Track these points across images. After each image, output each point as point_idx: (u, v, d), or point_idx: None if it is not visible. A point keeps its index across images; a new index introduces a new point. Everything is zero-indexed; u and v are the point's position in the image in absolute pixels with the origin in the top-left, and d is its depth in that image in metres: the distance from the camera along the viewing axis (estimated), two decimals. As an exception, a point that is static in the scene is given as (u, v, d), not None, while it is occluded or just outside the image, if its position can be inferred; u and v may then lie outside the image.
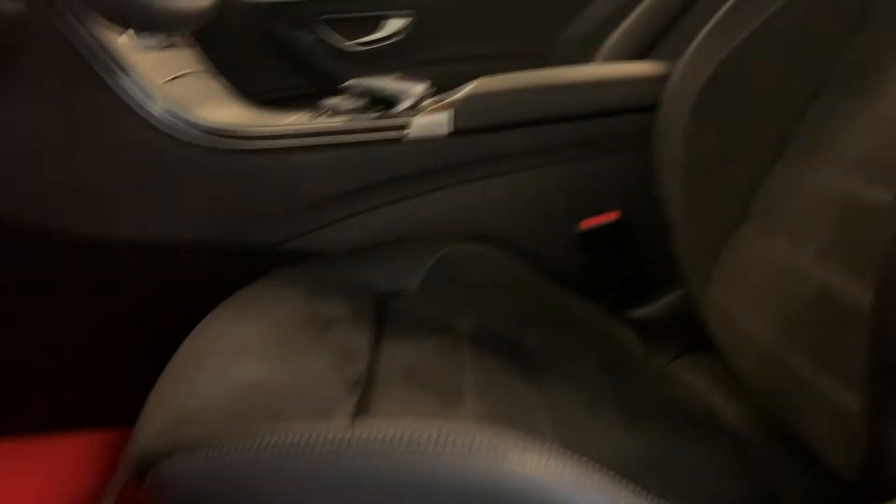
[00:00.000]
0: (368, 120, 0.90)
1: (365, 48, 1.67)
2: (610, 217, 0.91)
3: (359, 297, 0.77)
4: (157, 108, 0.83)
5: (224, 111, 0.91)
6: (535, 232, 0.93)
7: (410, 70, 1.67)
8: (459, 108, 0.89)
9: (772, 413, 0.67)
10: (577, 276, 0.93)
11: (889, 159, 0.59)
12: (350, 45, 1.67)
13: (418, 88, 0.94)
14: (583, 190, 0.93)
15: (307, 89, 1.68)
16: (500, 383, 0.67)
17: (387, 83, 0.95)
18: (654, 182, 0.87)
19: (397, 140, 0.89)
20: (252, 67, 1.59)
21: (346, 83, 0.95)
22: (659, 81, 0.88)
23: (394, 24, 1.67)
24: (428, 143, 0.90)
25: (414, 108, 0.93)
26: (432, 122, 0.89)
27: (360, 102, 0.95)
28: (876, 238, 0.57)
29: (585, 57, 1.50)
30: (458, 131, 0.89)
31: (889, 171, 0.58)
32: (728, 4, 0.82)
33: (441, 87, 1.66)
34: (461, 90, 0.96)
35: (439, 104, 0.90)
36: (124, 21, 0.71)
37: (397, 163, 0.90)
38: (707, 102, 0.81)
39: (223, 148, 0.85)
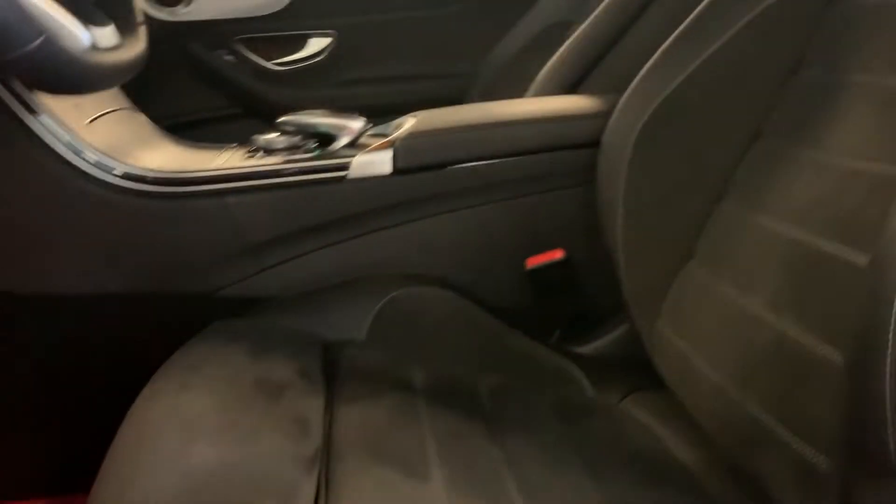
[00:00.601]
0: (307, 159, 0.87)
1: (286, 68, 1.63)
2: (556, 255, 0.91)
3: (306, 353, 0.74)
4: (82, 152, 0.77)
5: (153, 154, 0.85)
6: (481, 270, 0.92)
7: (334, 90, 1.65)
8: (401, 147, 0.87)
9: (730, 456, 0.67)
10: (524, 314, 0.92)
11: (842, 212, 0.60)
12: (271, 64, 1.62)
13: (356, 124, 0.91)
14: (528, 226, 0.92)
15: (228, 110, 1.63)
16: (461, 444, 0.65)
17: (322, 119, 0.91)
18: (598, 218, 0.87)
19: (338, 180, 0.86)
20: (169, 89, 1.52)
21: (280, 119, 0.91)
22: (601, 117, 0.89)
23: (316, 44, 1.63)
24: (370, 183, 0.87)
25: (353, 145, 0.90)
26: (374, 161, 0.87)
27: (294, 139, 0.91)
28: (832, 291, 0.59)
29: (510, 79, 1.50)
30: (401, 170, 0.87)
31: (845, 225, 0.59)
32: (667, 44, 0.83)
33: (367, 107, 1.64)
34: (401, 126, 0.93)
35: (381, 143, 0.88)
36: (52, 87, 0.65)
37: (338, 203, 0.87)
38: (648, 140, 0.81)
39: (155, 193, 0.80)
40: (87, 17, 0.54)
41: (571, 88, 1.09)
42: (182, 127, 1.56)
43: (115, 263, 0.82)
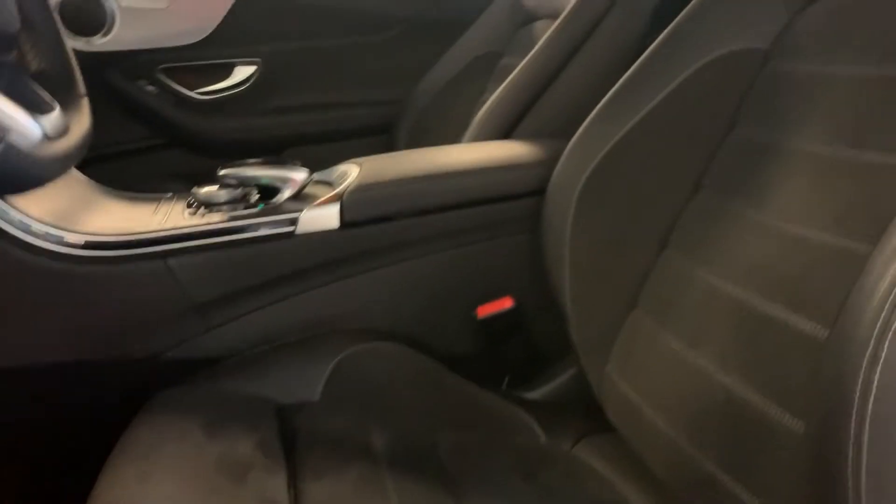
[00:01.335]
0: (252, 215, 0.85)
1: (210, 97, 1.59)
2: (506, 303, 0.92)
3: (262, 421, 0.73)
4: (12, 216, 0.74)
5: (91, 214, 0.82)
6: (432, 319, 0.92)
7: (260, 118, 1.62)
8: (348, 201, 0.86)
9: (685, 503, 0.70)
10: (476, 361, 0.93)
11: (787, 278, 0.63)
12: (195, 94, 1.57)
13: (299, 175, 0.89)
14: (476, 274, 0.93)
15: (150, 141, 1.58)
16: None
17: (264, 171, 0.89)
18: (545, 265, 0.88)
19: (286, 236, 0.85)
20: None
21: (220, 171, 0.88)
22: (544, 166, 0.90)
23: (241, 73, 1.59)
24: (318, 237, 0.86)
25: (297, 197, 0.89)
26: (321, 215, 0.86)
27: (236, 192, 0.88)
28: (780, 355, 0.62)
29: (441, 108, 1.51)
30: (348, 224, 0.86)
31: (789, 291, 0.62)
32: (609, 96, 0.86)
33: (295, 136, 1.62)
34: (344, 175, 0.93)
35: (327, 196, 0.87)
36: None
37: (286, 259, 0.86)
38: (592, 191, 0.83)
39: (96, 258, 0.77)
40: (34, 106, 0.51)
41: (508, 132, 1.11)
42: (104, 159, 1.51)
43: (55, 332, 0.78)
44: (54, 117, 0.53)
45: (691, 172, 0.81)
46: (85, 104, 0.65)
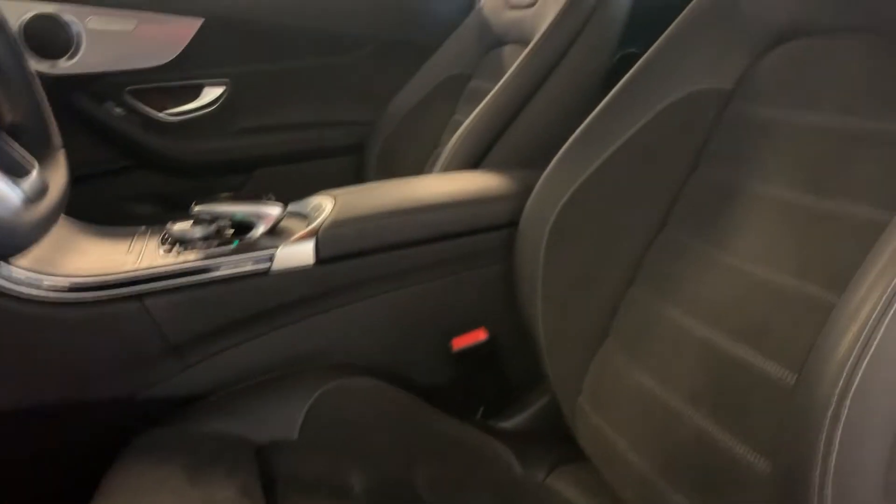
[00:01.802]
0: (227, 252, 0.85)
1: (179, 118, 1.58)
2: (480, 335, 0.93)
3: (241, 463, 0.73)
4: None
5: (66, 255, 0.81)
6: (407, 352, 0.93)
7: (229, 139, 1.61)
8: (323, 237, 0.87)
9: None
10: (451, 392, 0.94)
11: (752, 320, 0.65)
12: (163, 115, 1.56)
13: (273, 211, 0.90)
14: (450, 306, 0.95)
15: (119, 163, 1.56)
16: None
17: (238, 207, 0.90)
18: (518, 297, 0.90)
19: (261, 273, 0.85)
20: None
21: (193, 208, 0.89)
22: (516, 199, 0.92)
23: (209, 94, 1.59)
24: (293, 274, 0.87)
25: (272, 233, 0.90)
26: (297, 252, 0.87)
27: (210, 229, 0.89)
28: (747, 395, 0.64)
29: (412, 128, 1.53)
30: (324, 260, 0.87)
31: (754, 333, 0.65)
32: (577, 134, 0.88)
33: (264, 156, 1.62)
34: (319, 208, 0.94)
35: (302, 233, 0.88)
36: None
37: (262, 296, 0.87)
38: (563, 225, 0.85)
39: (73, 301, 0.77)
40: (11, 169, 0.51)
41: (479, 160, 1.13)
42: (72, 182, 1.49)
43: (31, 376, 0.78)
44: (33, 179, 0.53)
45: (658, 209, 0.84)
46: (62, 157, 0.65)
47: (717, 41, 0.81)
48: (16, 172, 0.52)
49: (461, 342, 0.94)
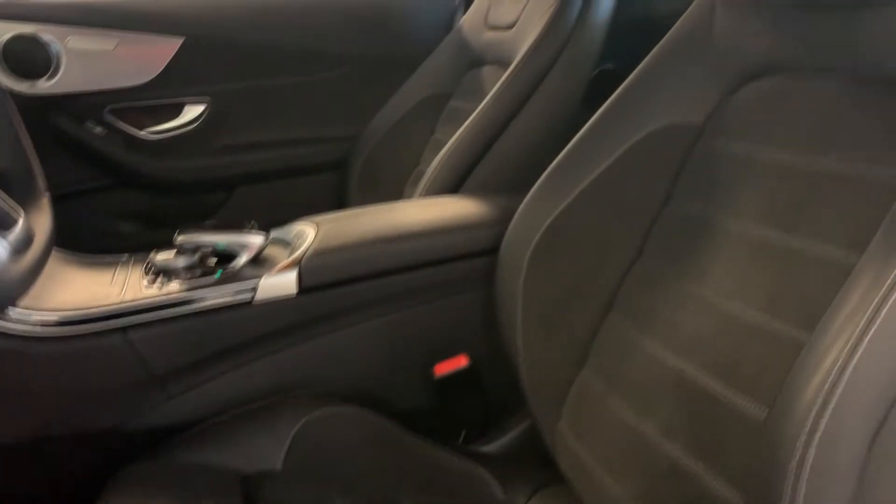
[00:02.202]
0: (211, 284, 0.86)
1: (160, 136, 1.58)
2: (462, 361, 0.95)
3: (227, 496, 0.74)
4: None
5: (48, 287, 0.82)
6: (390, 378, 0.95)
7: (210, 157, 1.62)
8: (306, 267, 0.88)
9: None
10: (433, 417, 0.96)
11: (723, 355, 0.68)
12: (144, 133, 1.57)
13: (256, 240, 0.91)
14: (432, 333, 0.96)
15: (100, 182, 1.56)
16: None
17: (221, 237, 0.91)
18: (498, 323, 0.92)
19: (244, 304, 0.86)
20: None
21: (178, 239, 0.89)
22: (497, 225, 0.94)
23: (191, 112, 1.59)
24: (276, 304, 0.88)
25: (255, 262, 0.91)
26: (280, 282, 0.88)
27: (193, 258, 0.90)
28: (720, 428, 0.66)
29: (392, 146, 1.54)
30: (306, 290, 0.88)
31: (726, 367, 0.67)
32: (554, 165, 0.90)
33: (245, 174, 1.62)
34: (301, 236, 0.95)
35: (285, 263, 0.89)
36: None
37: (245, 326, 0.88)
38: (542, 253, 0.87)
39: (58, 336, 0.78)
40: (-2, 222, 0.52)
41: (460, 182, 1.15)
42: (53, 202, 1.49)
43: (15, 410, 0.78)
44: (19, 229, 0.53)
45: (634, 239, 0.86)
46: (46, 202, 0.66)
47: (689, 76, 0.83)
48: (2, 224, 0.53)
49: (443, 368, 0.95)
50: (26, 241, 0.55)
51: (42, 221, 0.62)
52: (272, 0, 1.61)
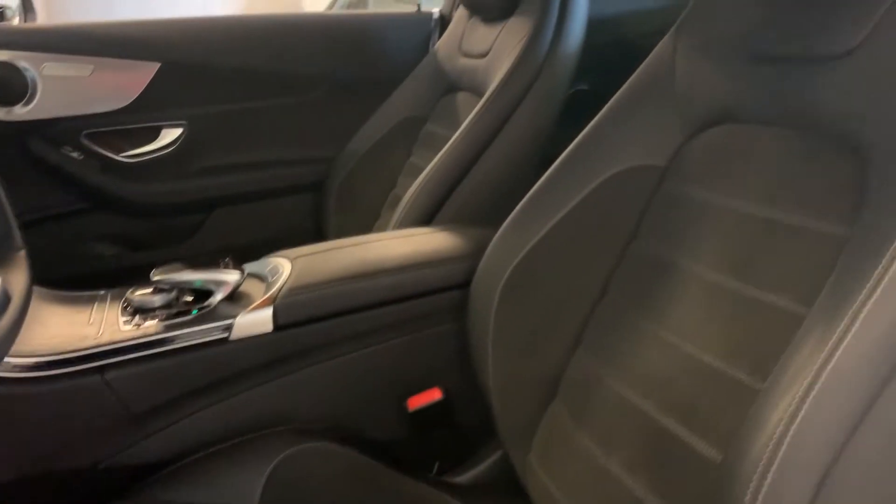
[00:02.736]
0: (187, 323, 0.88)
1: (137, 160, 1.59)
2: (435, 394, 0.97)
3: None
4: None
5: (28, 331, 0.83)
6: (364, 412, 0.97)
7: (188, 180, 1.63)
8: (281, 305, 0.90)
9: None
10: (407, 449, 0.97)
11: (683, 397, 0.70)
12: (121, 157, 1.57)
13: (232, 277, 0.92)
14: (406, 366, 0.98)
15: (77, 205, 1.57)
16: None
17: (197, 275, 0.92)
18: (470, 356, 0.94)
19: (220, 342, 0.88)
20: (12, 190, 1.44)
21: (154, 277, 0.91)
22: (469, 259, 0.96)
23: (168, 135, 1.60)
24: (252, 342, 0.89)
25: (230, 299, 0.92)
26: (255, 320, 0.89)
27: (170, 296, 0.91)
28: (680, 470, 0.68)
29: (370, 168, 1.56)
30: (282, 327, 0.90)
31: (685, 410, 0.69)
32: (524, 202, 0.92)
33: (222, 197, 1.64)
34: (277, 271, 0.96)
35: (261, 301, 0.90)
36: None
37: (221, 364, 0.89)
38: (513, 288, 0.90)
39: (34, 378, 0.79)
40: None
41: (433, 213, 1.18)
42: (29, 226, 1.50)
43: None
44: (-4, 295, 0.55)
45: (600, 276, 0.88)
46: (22, 257, 0.67)
47: (653, 118, 0.86)
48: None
49: (417, 402, 0.97)
50: (4, 303, 0.57)
51: (18, 279, 0.63)
52: (247, 24, 1.63)
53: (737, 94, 0.77)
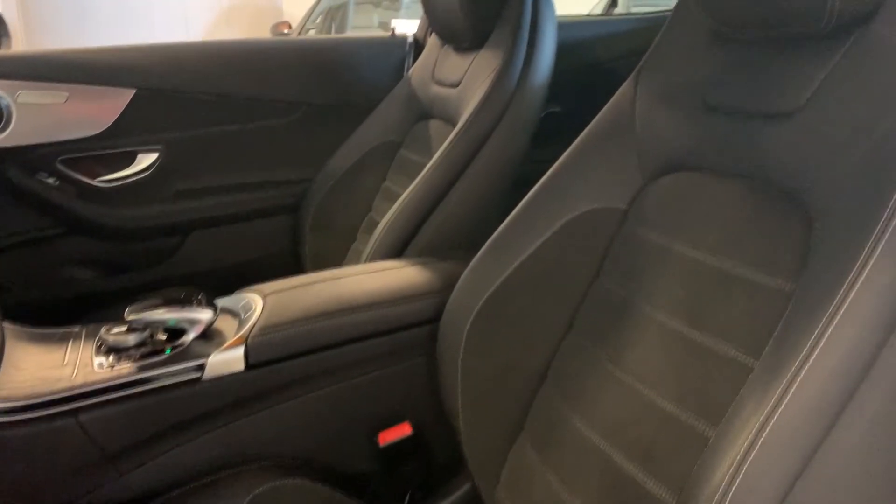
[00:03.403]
0: (160, 363, 0.89)
1: (113, 185, 1.60)
2: (405, 429, 0.99)
3: None
4: None
5: (2, 373, 0.84)
6: (336, 447, 0.98)
7: (164, 204, 1.64)
8: (253, 345, 0.92)
9: None
10: (379, 481, 1.00)
11: (642, 441, 0.73)
12: (97, 182, 1.58)
13: (204, 316, 0.94)
14: (377, 401, 1.00)
15: (53, 230, 1.57)
16: None
17: (170, 314, 0.94)
18: (440, 390, 0.96)
19: (193, 382, 0.90)
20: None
21: (128, 316, 0.92)
22: (439, 295, 0.99)
23: (144, 160, 1.61)
24: (224, 381, 0.91)
25: (204, 337, 0.94)
26: (227, 359, 0.91)
27: (143, 335, 0.93)
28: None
29: (346, 190, 1.58)
30: (253, 366, 0.92)
31: (643, 453, 0.72)
32: (492, 240, 0.94)
33: (200, 220, 1.65)
34: (249, 308, 0.98)
35: (233, 340, 0.92)
36: None
37: (194, 403, 0.91)
38: (481, 324, 0.92)
39: (6, 423, 0.80)
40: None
41: (406, 243, 1.20)
42: (4, 250, 1.51)
43: None
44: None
45: (565, 314, 0.91)
46: None
47: (614, 161, 0.89)
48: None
49: (387, 437, 1.00)
50: None
51: None
52: (222, 49, 1.64)
53: (692, 143, 0.80)
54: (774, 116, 0.70)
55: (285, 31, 5.66)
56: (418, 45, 1.74)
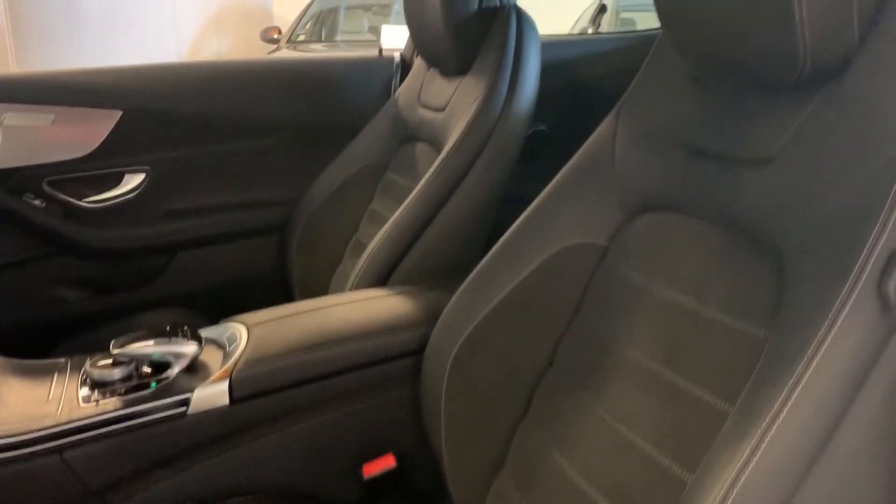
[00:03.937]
0: (146, 399, 0.90)
1: (100, 205, 1.60)
2: (389, 461, 1.00)
3: None
4: None
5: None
6: (321, 478, 0.99)
7: (151, 225, 1.64)
8: (237, 379, 0.93)
9: None
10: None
11: (619, 481, 0.74)
12: (83, 203, 1.58)
13: (189, 349, 0.95)
14: (361, 432, 1.01)
15: (40, 250, 1.58)
16: None
17: (155, 348, 0.94)
18: (424, 422, 0.97)
19: (178, 416, 0.90)
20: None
21: (113, 350, 0.93)
22: (423, 326, 1.00)
23: (131, 181, 1.61)
24: (209, 415, 0.92)
25: (189, 371, 0.94)
26: (212, 394, 0.92)
27: (129, 369, 0.93)
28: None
29: (330, 211, 1.59)
30: (238, 400, 0.93)
31: (621, 493, 0.73)
32: (475, 274, 0.95)
33: (187, 240, 1.65)
34: (235, 338, 0.99)
35: (218, 374, 0.93)
36: None
37: (179, 437, 0.91)
38: (464, 357, 0.93)
39: None
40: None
41: (390, 270, 1.21)
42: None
43: None
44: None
45: (546, 348, 0.92)
46: None
47: (595, 198, 0.90)
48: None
49: (371, 469, 1.00)
50: None
51: None
52: (209, 70, 1.65)
53: (669, 184, 0.81)
54: (749, 162, 0.71)
55: (275, 35, 5.66)
56: (405, 65, 1.75)
